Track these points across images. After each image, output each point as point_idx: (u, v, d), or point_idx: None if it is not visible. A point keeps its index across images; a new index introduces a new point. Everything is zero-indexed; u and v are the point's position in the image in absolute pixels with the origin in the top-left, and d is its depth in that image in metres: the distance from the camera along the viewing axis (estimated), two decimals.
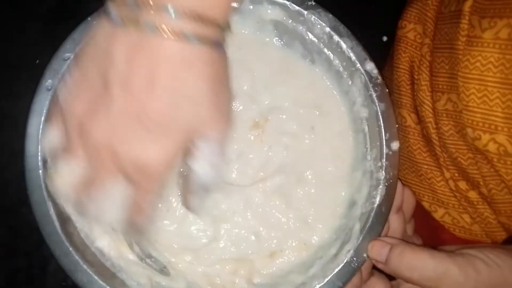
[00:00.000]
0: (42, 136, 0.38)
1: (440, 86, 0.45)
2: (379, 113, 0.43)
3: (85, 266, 0.37)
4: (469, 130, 0.42)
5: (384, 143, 0.42)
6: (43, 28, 0.54)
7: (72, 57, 0.39)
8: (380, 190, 0.42)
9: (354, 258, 0.40)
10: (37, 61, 0.51)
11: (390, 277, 0.44)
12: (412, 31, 0.51)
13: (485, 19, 0.40)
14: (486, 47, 0.40)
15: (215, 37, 0.31)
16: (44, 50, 0.42)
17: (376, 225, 0.41)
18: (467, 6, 0.42)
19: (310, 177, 0.45)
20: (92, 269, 0.38)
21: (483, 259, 0.37)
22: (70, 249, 0.38)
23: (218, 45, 0.32)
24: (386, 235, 0.42)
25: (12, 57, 0.54)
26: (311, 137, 0.46)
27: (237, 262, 0.44)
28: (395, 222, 0.43)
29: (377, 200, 0.41)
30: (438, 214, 0.51)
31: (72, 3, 0.54)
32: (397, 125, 0.43)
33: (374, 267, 0.42)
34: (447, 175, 0.49)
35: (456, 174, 0.48)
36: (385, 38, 0.56)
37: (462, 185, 0.48)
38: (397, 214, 0.43)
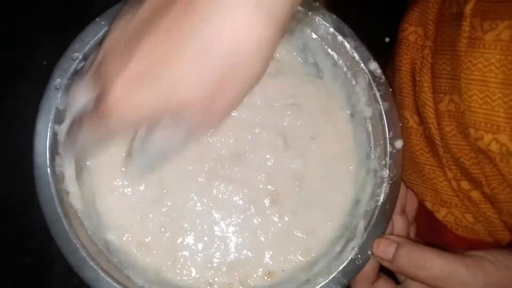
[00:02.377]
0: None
1: (442, 88, 0.46)
2: (383, 112, 0.43)
3: (92, 263, 0.38)
4: (471, 131, 0.42)
5: (388, 141, 0.43)
6: (50, 30, 0.54)
7: (80, 57, 0.40)
8: (384, 188, 0.42)
9: (359, 255, 0.40)
10: (44, 63, 0.51)
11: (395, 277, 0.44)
12: (413, 33, 0.51)
13: (487, 21, 0.40)
14: (487, 49, 0.40)
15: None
16: (51, 51, 0.42)
17: (380, 223, 0.41)
18: (468, 9, 0.42)
19: (316, 183, 0.45)
20: (99, 266, 0.38)
21: (492, 260, 0.37)
22: (78, 246, 0.38)
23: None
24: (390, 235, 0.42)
25: (19, 58, 0.54)
26: (316, 143, 0.46)
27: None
28: (399, 223, 0.43)
29: (381, 198, 0.42)
30: (441, 213, 0.51)
31: (79, 6, 0.54)
32: (400, 124, 0.43)
33: (381, 268, 0.42)
34: (450, 175, 0.49)
35: (459, 174, 0.48)
36: (387, 39, 0.56)
37: (465, 184, 0.48)
38: (401, 215, 0.44)
